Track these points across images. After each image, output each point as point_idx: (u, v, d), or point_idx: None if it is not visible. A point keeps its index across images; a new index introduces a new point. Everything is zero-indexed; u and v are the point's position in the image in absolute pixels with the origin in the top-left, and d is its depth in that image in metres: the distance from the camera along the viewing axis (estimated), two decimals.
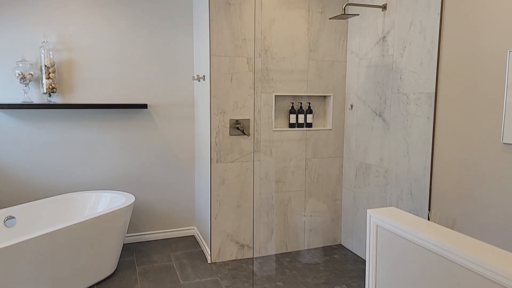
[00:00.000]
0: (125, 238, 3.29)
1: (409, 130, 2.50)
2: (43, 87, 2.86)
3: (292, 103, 3.09)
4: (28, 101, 2.86)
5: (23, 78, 2.80)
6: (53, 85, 2.88)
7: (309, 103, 3.14)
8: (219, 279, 2.67)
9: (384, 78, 2.71)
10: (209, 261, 2.94)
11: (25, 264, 2.07)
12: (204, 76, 2.95)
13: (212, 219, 2.91)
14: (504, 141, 1.88)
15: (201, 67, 3.07)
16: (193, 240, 3.39)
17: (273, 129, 3.01)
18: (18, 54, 2.86)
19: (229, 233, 2.97)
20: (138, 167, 3.29)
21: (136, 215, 3.33)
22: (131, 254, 3.07)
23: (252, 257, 3.00)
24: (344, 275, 2.75)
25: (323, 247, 3.25)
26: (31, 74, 2.82)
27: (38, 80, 2.90)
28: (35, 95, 2.93)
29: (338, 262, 2.96)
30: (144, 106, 3.11)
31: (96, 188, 3.18)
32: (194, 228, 3.53)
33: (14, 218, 2.57)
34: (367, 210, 1.53)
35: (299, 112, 3.10)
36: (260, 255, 3.07)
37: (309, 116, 3.12)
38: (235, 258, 3.00)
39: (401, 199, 2.60)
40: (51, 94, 2.91)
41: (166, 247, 3.23)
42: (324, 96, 3.20)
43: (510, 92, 1.83)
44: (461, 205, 2.15)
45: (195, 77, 3.05)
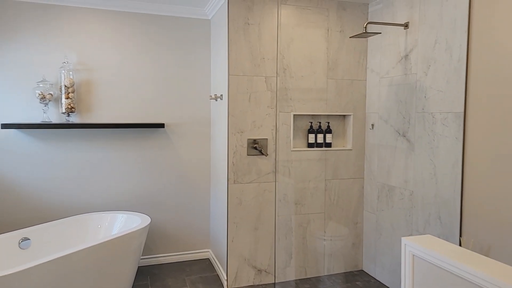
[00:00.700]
0: (139, 261, 3.21)
1: (436, 151, 2.39)
2: (62, 107, 2.87)
3: (311, 123, 3.02)
4: (47, 121, 2.86)
5: (43, 98, 2.81)
6: (72, 105, 2.89)
7: (328, 123, 3.06)
8: None
9: (408, 97, 2.63)
10: (226, 287, 2.82)
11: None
12: (222, 95, 2.92)
13: (229, 242, 2.81)
14: None
15: (219, 87, 3.04)
16: (208, 264, 3.28)
17: (292, 149, 2.94)
18: (39, 75, 2.89)
19: (246, 257, 2.86)
20: (153, 187, 3.24)
21: (150, 237, 3.25)
22: (145, 278, 2.98)
23: (274, 283, 2.87)
24: None
25: (344, 273, 3.10)
26: (51, 94, 2.84)
27: (58, 100, 2.92)
28: (54, 115, 2.94)
29: None
30: (161, 126, 3.09)
31: (111, 208, 3.13)
32: (209, 251, 3.43)
33: (29, 240, 2.53)
34: (402, 239, 1.42)
35: (318, 132, 3.02)
36: (279, 281, 2.94)
37: (328, 136, 3.04)
38: (252, 284, 2.88)
39: (429, 224, 2.47)
40: (70, 114, 2.91)
41: (181, 271, 3.12)
42: (344, 116, 3.12)
43: None
44: (496, 231, 2.01)
45: (212, 96, 3.02)
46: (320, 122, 3.05)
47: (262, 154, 2.86)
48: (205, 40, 3.31)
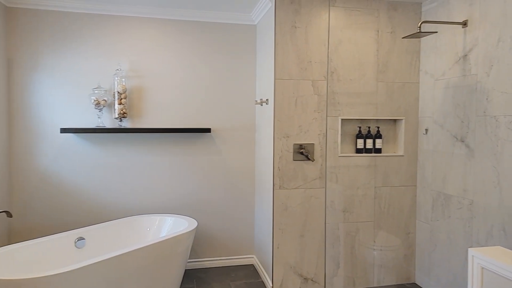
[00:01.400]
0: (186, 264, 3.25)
1: (500, 157, 2.21)
2: (115, 112, 2.99)
3: (360, 127, 2.92)
4: (101, 126, 3.00)
5: (98, 104, 2.95)
6: (124, 110, 3.00)
7: (378, 127, 2.94)
8: None
9: (466, 100, 2.46)
10: None
11: (95, 286, 2.07)
12: (268, 100, 2.91)
13: (274, 249, 2.77)
14: None
15: (264, 91, 3.03)
16: (253, 270, 3.25)
17: (339, 155, 2.85)
18: (95, 82, 3.04)
19: (292, 265, 2.80)
20: (199, 191, 3.28)
21: (195, 240, 3.29)
22: (192, 281, 3.01)
23: None
24: None
25: (396, 285, 2.94)
26: (105, 100, 2.97)
27: (111, 106, 3.05)
28: (108, 120, 3.07)
29: None
30: (208, 131, 3.12)
31: (159, 210, 3.20)
32: (253, 257, 3.40)
33: (84, 239, 2.64)
34: (469, 250, 1.31)
35: (367, 137, 2.91)
36: None
37: (378, 141, 2.92)
38: None
39: (491, 236, 2.28)
40: (122, 119, 3.03)
41: (226, 276, 3.12)
42: (395, 120, 2.99)
43: None
44: None
45: (258, 101, 3.02)
46: (370, 127, 2.94)
47: (309, 160, 2.80)
48: (251, 46, 3.33)
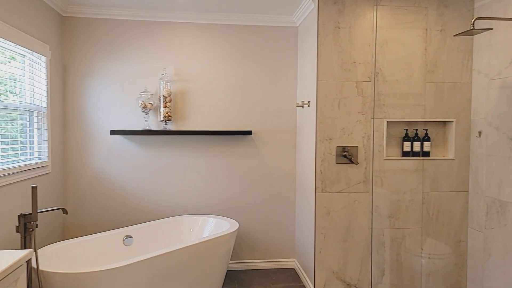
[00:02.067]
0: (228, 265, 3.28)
1: None
2: (161, 115, 3.09)
3: (406, 130, 2.81)
4: (148, 128, 3.11)
5: (145, 107, 3.06)
6: (169, 113, 3.09)
7: (426, 130, 2.82)
8: None
9: None
10: None
11: (142, 282, 2.14)
12: (309, 102, 2.87)
13: (316, 253, 2.72)
14: None
15: (306, 93, 3.00)
16: (294, 274, 3.22)
17: (385, 158, 2.76)
18: (142, 86, 3.16)
19: (335, 270, 2.74)
20: (240, 193, 3.31)
21: (237, 242, 3.31)
22: (233, 282, 3.03)
23: None
24: None
25: None
26: (151, 104, 3.08)
27: (156, 109, 3.15)
28: (153, 123, 3.18)
29: None
30: (249, 133, 3.15)
31: (200, 211, 3.26)
32: (294, 261, 3.37)
33: (132, 238, 2.74)
34: None
35: (415, 140, 2.80)
36: None
37: (426, 144, 2.79)
38: None
39: None
40: (167, 122, 3.12)
41: (267, 279, 3.11)
42: (445, 122, 2.85)
43: None
44: None
45: (299, 103, 2.99)
46: (417, 129, 2.82)
47: (352, 163, 2.73)
48: (292, 48, 3.31)
